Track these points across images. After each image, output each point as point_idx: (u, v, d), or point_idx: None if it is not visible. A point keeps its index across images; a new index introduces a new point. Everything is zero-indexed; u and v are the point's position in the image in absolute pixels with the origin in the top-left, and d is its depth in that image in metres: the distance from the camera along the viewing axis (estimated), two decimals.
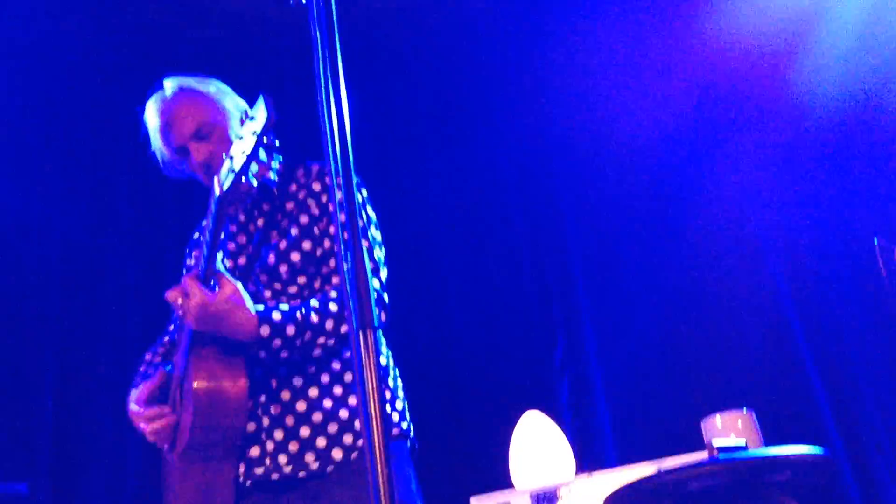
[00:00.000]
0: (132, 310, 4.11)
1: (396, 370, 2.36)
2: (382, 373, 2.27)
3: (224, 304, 2.00)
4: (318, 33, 1.60)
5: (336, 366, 2.21)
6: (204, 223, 2.41)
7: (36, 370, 3.96)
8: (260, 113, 1.89)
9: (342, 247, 1.52)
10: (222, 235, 2.16)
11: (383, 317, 2.18)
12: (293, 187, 2.34)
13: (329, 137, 1.58)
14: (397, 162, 4.39)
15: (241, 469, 2.16)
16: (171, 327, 2.52)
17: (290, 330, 2.08)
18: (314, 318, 2.11)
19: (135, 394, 2.28)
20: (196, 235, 2.56)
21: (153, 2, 4.25)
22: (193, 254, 2.51)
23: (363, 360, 1.44)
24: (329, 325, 2.13)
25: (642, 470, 2.90)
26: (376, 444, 1.39)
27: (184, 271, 2.51)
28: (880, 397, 3.83)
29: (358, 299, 1.47)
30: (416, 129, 4.52)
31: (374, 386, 1.42)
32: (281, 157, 2.34)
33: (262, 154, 1.93)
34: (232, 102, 2.38)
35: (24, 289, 4.04)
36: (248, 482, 2.16)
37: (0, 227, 4.06)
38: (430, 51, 4.57)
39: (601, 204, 4.35)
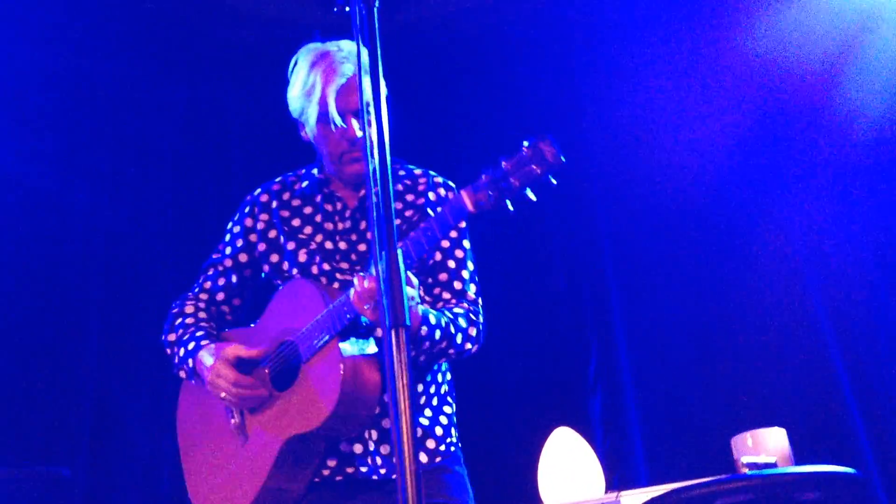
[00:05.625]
0: (173, 295, 4.18)
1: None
2: (448, 390, 2.35)
3: (411, 300, 1.99)
4: (360, 41, 1.66)
5: (429, 377, 2.28)
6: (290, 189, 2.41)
7: (77, 357, 4.05)
8: (541, 154, 1.92)
9: (377, 248, 1.56)
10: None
11: (474, 349, 2.26)
12: (410, 195, 2.37)
13: (368, 143, 1.64)
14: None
15: (332, 464, 2.18)
16: (208, 284, 2.45)
17: (438, 335, 2.13)
18: (452, 329, 2.17)
19: (227, 352, 2.22)
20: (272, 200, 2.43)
21: (201, 5, 4.37)
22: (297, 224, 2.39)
23: (395, 357, 1.48)
24: (459, 338, 2.19)
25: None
26: (405, 440, 1.43)
27: (233, 230, 2.45)
28: None
29: (391, 298, 1.52)
30: (452, 139, 4.55)
31: (406, 383, 1.46)
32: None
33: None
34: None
35: (67, 276, 4.14)
36: (339, 477, 2.18)
37: (45, 213, 4.17)
38: (468, 63, 4.62)
39: (637, 219, 4.33)
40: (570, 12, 4.55)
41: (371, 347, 2.12)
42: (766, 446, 2.73)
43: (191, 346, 2.30)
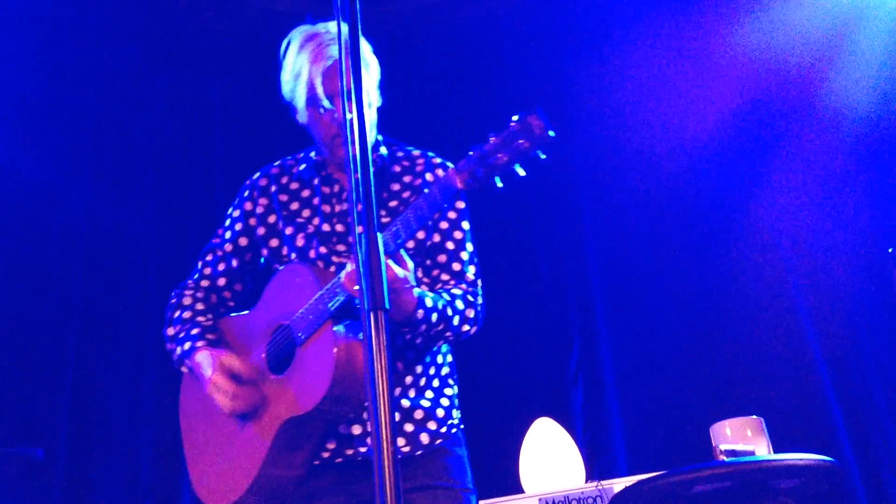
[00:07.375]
0: (153, 283, 4.17)
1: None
2: (450, 371, 2.32)
3: (405, 282, 1.99)
4: (340, 20, 1.66)
5: (428, 358, 2.27)
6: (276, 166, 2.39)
7: (58, 341, 4.03)
8: (529, 128, 1.91)
9: (356, 231, 1.56)
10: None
11: (472, 330, 2.24)
12: (408, 177, 2.35)
13: (349, 130, 1.63)
14: None
15: (331, 446, 2.17)
16: (208, 270, 2.42)
17: (434, 317, 2.11)
18: (449, 311, 2.16)
19: (223, 363, 2.20)
20: (266, 183, 2.40)
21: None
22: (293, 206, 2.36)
23: (373, 340, 1.48)
24: (456, 321, 2.18)
25: None
26: (382, 422, 1.43)
27: (234, 212, 2.41)
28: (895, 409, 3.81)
29: (370, 281, 1.51)
30: (434, 132, 4.55)
31: (384, 365, 1.45)
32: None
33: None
34: (375, 79, 2.34)
35: (49, 262, 4.11)
36: (339, 460, 2.17)
37: (27, 200, 4.14)
38: (452, 54, 4.61)
39: (621, 214, 4.36)
40: (555, 3, 4.56)
41: (359, 332, 2.08)
42: (744, 434, 2.75)
43: (186, 345, 2.28)
